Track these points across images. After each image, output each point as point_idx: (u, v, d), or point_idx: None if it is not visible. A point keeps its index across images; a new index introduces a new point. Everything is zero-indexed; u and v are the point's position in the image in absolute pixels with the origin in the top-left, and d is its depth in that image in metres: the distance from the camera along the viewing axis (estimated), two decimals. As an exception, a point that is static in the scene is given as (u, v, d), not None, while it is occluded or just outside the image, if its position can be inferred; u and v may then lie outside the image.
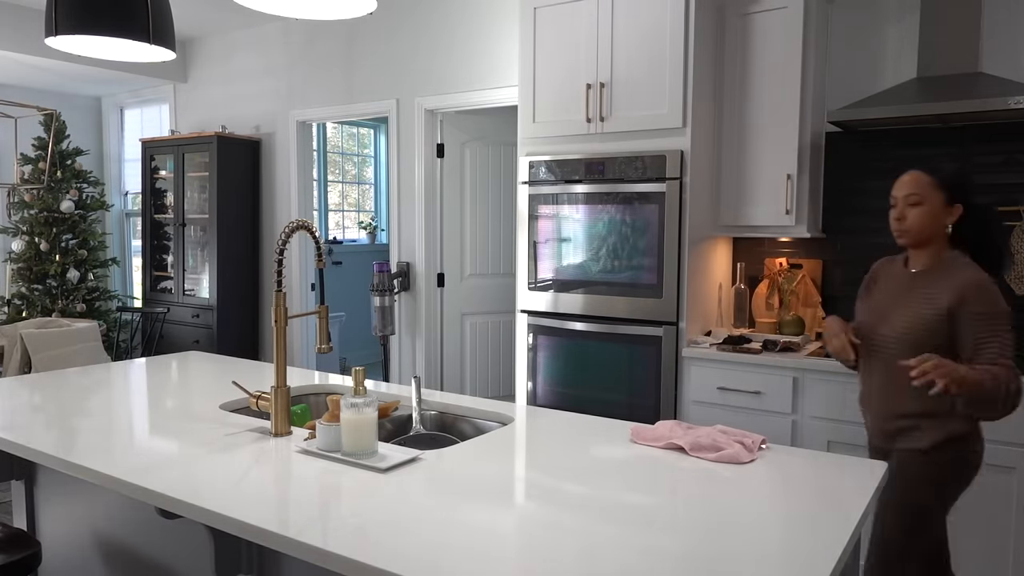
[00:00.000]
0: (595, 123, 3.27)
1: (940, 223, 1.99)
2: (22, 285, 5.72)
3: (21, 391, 2.30)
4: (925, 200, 1.98)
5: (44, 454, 1.70)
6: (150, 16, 2.28)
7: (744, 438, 1.74)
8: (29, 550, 1.84)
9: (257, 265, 5.65)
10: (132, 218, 6.84)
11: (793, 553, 1.20)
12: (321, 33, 5.14)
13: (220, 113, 5.80)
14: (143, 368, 2.68)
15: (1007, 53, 3.01)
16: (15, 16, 5.02)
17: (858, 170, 3.34)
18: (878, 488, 1.52)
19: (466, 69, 4.46)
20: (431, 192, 4.73)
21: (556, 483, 1.52)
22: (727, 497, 1.44)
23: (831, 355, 2.01)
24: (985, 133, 3.08)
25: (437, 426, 2.19)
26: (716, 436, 1.73)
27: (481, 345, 4.99)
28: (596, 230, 3.28)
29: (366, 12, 2.07)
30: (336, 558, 1.18)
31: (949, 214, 1.99)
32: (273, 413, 1.83)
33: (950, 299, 1.92)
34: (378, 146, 8.30)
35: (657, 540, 1.24)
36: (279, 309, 1.84)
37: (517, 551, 1.20)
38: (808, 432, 2.89)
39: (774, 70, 3.20)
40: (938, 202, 1.98)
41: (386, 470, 1.57)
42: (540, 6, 3.39)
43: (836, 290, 3.41)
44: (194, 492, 1.44)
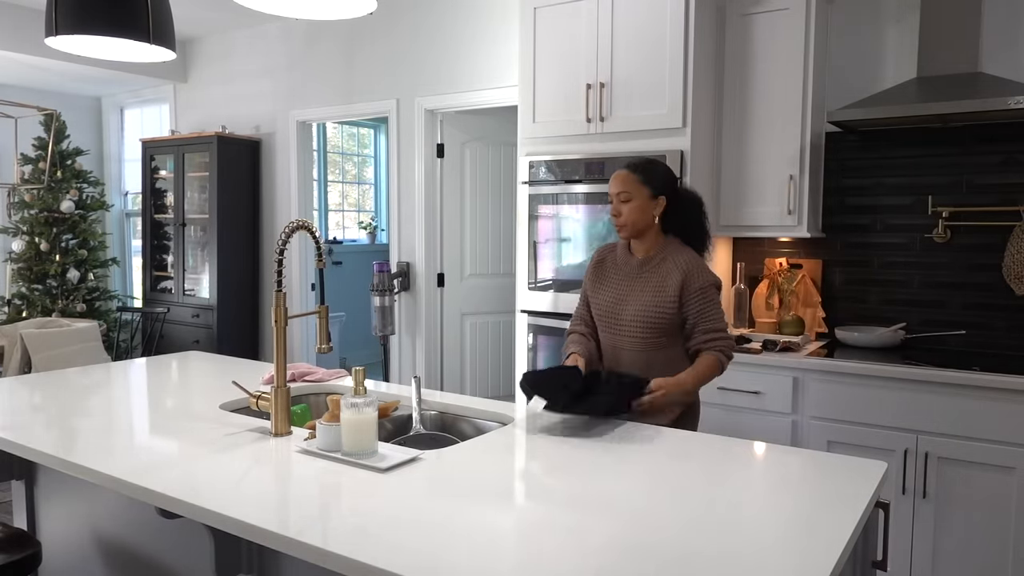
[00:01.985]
0: (595, 123, 3.27)
1: (650, 215, 2.22)
2: (22, 285, 5.72)
3: (21, 391, 2.30)
4: (634, 196, 2.20)
5: (44, 454, 1.70)
6: (150, 16, 2.28)
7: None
8: (29, 550, 1.84)
9: (257, 265, 5.64)
10: (132, 218, 6.84)
11: (793, 553, 1.20)
12: (321, 33, 5.14)
13: (220, 113, 5.80)
14: (143, 368, 2.68)
15: (1007, 53, 3.01)
16: (15, 16, 5.02)
17: (858, 170, 3.35)
18: (878, 488, 1.52)
19: (466, 69, 4.46)
20: (431, 192, 4.72)
21: (556, 483, 1.52)
22: (727, 497, 1.44)
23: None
24: (985, 133, 3.08)
25: (437, 426, 2.19)
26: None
27: (481, 345, 4.99)
28: (596, 230, 3.28)
29: (366, 12, 2.07)
30: (336, 558, 1.18)
31: (656, 206, 2.21)
32: (273, 413, 1.83)
33: (676, 279, 2.17)
34: (378, 146, 8.30)
35: (657, 539, 1.24)
36: (279, 309, 1.84)
37: (517, 551, 1.20)
38: (808, 432, 2.89)
39: (774, 70, 3.20)
40: (645, 196, 2.20)
41: (386, 470, 1.57)
42: (540, 6, 3.39)
43: (836, 290, 3.41)
44: (194, 492, 1.44)
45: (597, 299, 2.32)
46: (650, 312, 2.18)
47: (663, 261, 2.22)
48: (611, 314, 2.27)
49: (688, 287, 2.16)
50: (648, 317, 2.18)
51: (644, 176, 2.21)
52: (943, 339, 3.18)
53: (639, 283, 2.24)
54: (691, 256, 2.22)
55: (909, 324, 3.24)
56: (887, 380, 2.73)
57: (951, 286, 3.17)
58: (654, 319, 2.18)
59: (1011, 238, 2.99)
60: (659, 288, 2.19)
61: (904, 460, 2.71)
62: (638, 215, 2.21)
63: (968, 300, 3.14)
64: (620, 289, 2.27)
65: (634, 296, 2.23)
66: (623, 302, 2.25)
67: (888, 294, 3.30)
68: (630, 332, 2.22)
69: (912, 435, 2.69)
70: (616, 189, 2.22)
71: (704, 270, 2.19)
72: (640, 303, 2.20)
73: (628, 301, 2.24)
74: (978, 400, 2.58)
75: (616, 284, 2.29)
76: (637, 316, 2.20)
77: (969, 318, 3.14)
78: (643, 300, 2.20)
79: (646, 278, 2.23)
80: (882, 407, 2.74)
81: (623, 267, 2.29)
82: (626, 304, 2.24)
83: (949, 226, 3.15)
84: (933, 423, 2.65)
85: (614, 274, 2.31)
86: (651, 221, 2.23)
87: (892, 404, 2.72)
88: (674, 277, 2.18)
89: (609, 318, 2.28)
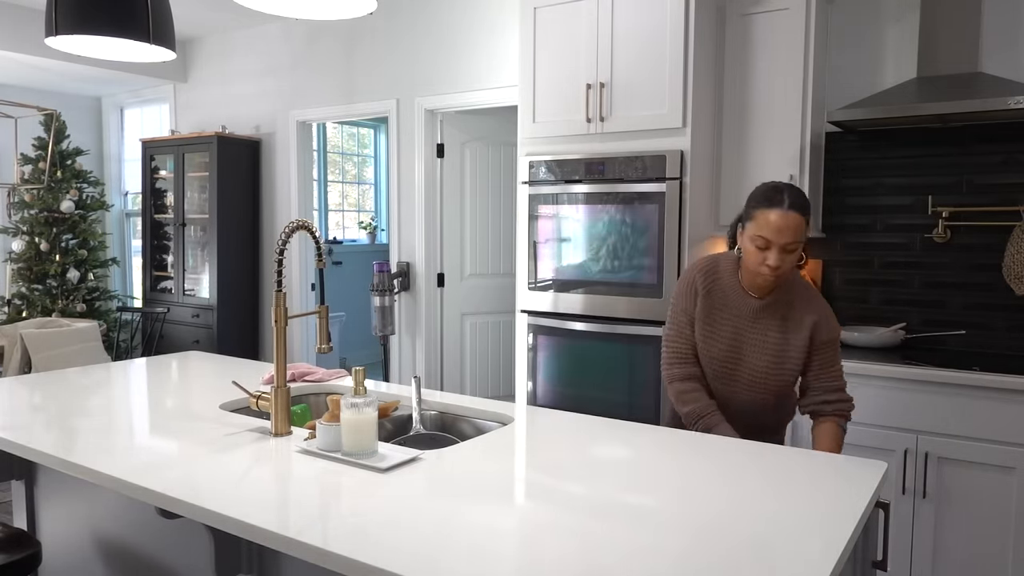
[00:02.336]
0: (595, 123, 3.27)
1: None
2: (22, 285, 5.72)
3: (21, 391, 2.30)
4: (800, 244, 1.80)
5: (44, 454, 1.70)
6: (150, 16, 2.28)
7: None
8: (29, 550, 1.84)
9: (257, 265, 5.64)
10: (132, 218, 6.83)
11: (793, 553, 1.20)
12: (321, 33, 5.14)
13: (220, 113, 5.80)
14: (143, 368, 2.68)
15: (1007, 53, 3.01)
16: (15, 16, 5.02)
17: (858, 170, 3.35)
18: (878, 488, 1.52)
19: (466, 69, 4.46)
20: (431, 192, 4.72)
21: (556, 483, 1.52)
22: (727, 497, 1.44)
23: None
24: (985, 133, 3.08)
25: (437, 426, 2.19)
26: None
27: (481, 345, 4.99)
28: (596, 230, 3.28)
29: (366, 12, 2.07)
30: (336, 558, 1.18)
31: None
32: (273, 413, 1.83)
33: (806, 331, 1.86)
34: (378, 146, 8.30)
35: (657, 540, 1.24)
36: (279, 309, 1.84)
37: (517, 551, 1.20)
38: (808, 432, 2.88)
39: (774, 70, 3.20)
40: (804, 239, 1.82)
41: (386, 470, 1.57)
42: (540, 6, 3.39)
43: (836, 290, 3.41)
44: (194, 492, 1.44)
45: (709, 348, 1.95)
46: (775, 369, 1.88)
47: (789, 306, 1.87)
48: (726, 368, 1.95)
49: (816, 339, 1.86)
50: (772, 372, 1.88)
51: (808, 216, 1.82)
52: (943, 339, 3.18)
53: (758, 330, 1.89)
54: (821, 301, 1.89)
55: (909, 324, 3.25)
56: (887, 380, 2.73)
57: (951, 286, 3.17)
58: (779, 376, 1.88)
59: (1011, 238, 2.99)
60: (784, 341, 1.87)
61: (904, 460, 2.71)
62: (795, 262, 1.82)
63: (968, 300, 3.14)
64: (736, 336, 1.92)
65: (753, 347, 1.89)
66: (740, 353, 1.92)
67: (888, 294, 3.30)
68: (747, 387, 1.94)
69: (912, 435, 2.69)
70: (785, 239, 1.77)
71: (833, 318, 1.89)
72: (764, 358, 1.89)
73: (746, 352, 1.91)
74: (978, 400, 2.58)
75: (731, 330, 1.92)
76: (759, 372, 1.89)
77: (969, 318, 3.14)
78: (767, 353, 1.88)
79: (766, 325, 1.88)
80: (882, 407, 2.74)
81: (737, 306, 1.92)
82: (743, 356, 1.91)
83: (949, 226, 3.15)
84: (933, 423, 2.65)
85: (724, 315, 1.93)
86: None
87: (892, 404, 2.72)
88: (804, 329, 1.85)
89: (723, 371, 1.95)
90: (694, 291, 1.96)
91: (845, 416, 1.94)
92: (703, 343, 1.96)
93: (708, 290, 1.95)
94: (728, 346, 1.92)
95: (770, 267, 1.79)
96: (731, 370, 1.94)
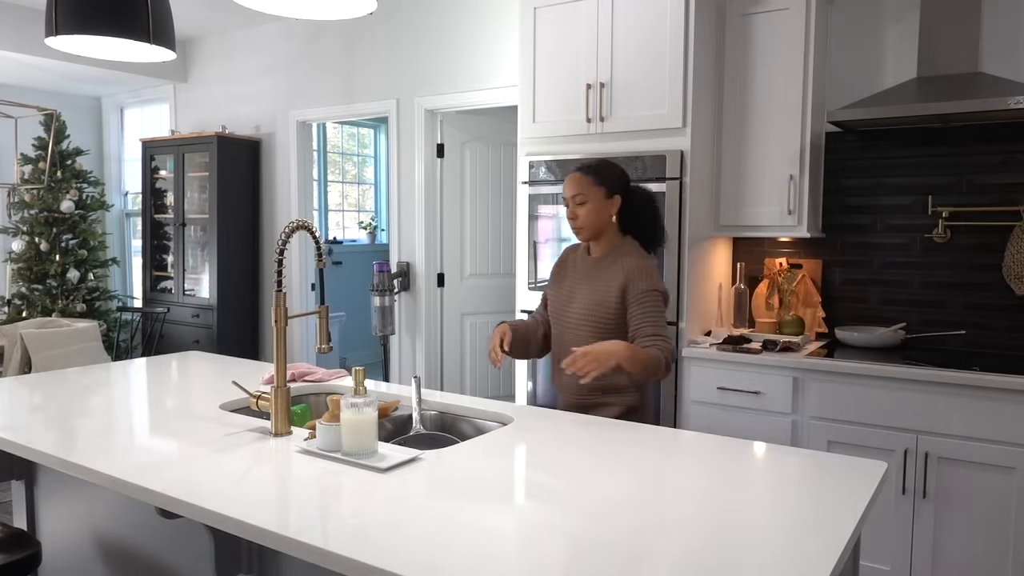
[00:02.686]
0: (595, 123, 3.27)
1: (606, 215, 2.24)
2: (22, 285, 5.72)
3: (21, 391, 2.30)
4: (589, 198, 2.21)
5: (44, 454, 1.70)
6: (150, 16, 2.28)
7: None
8: (29, 550, 1.84)
9: (257, 265, 5.65)
10: (132, 218, 6.84)
11: (793, 553, 1.20)
12: (321, 33, 5.14)
13: (220, 113, 5.80)
14: (143, 368, 2.68)
15: (1007, 53, 3.01)
16: (15, 16, 5.02)
17: (858, 170, 3.35)
18: (878, 488, 1.52)
19: (466, 69, 4.46)
20: (431, 192, 4.72)
21: (556, 483, 1.52)
22: (727, 497, 1.44)
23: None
24: (985, 133, 3.08)
25: (437, 426, 2.19)
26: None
27: (481, 345, 4.99)
28: (596, 230, 3.27)
29: (366, 12, 2.07)
30: (336, 558, 1.18)
31: (611, 206, 2.24)
32: (273, 413, 1.83)
33: (619, 281, 2.19)
34: (378, 146, 8.30)
35: (657, 540, 1.24)
36: (279, 309, 1.84)
37: (517, 551, 1.20)
38: (808, 432, 2.89)
39: (775, 70, 3.20)
40: (600, 197, 2.22)
41: (386, 470, 1.57)
42: (540, 6, 3.39)
43: (836, 290, 3.41)
44: (194, 492, 1.44)
45: (553, 296, 2.38)
46: (593, 310, 2.22)
47: (612, 263, 2.24)
48: (561, 310, 2.32)
49: (630, 290, 2.17)
50: (592, 315, 2.22)
51: (598, 177, 2.23)
52: (943, 339, 3.18)
53: (588, 282, 2.28)
54: (639, 260, 2.21)
55: (909, 324, 3.25)
56: (887, 380, 2.73)
57: (951, 286, 3.17)
58: (597, 317, 2.22)
59: (1011, 238, 2.99)
60: (604, 288, 2.22)
61: (904, 460, 2.71)
62: (594, 217, 2.23)
63: (968, 300, 3.14)
64: (572, 287, 2.32)
65: (581, 294, 2.27)
66: (571, 299, 2.30)
67: (888, 294, 3.30)
68: (576, 328, 2.26)
69: (912, 435, 2.69)
70: (571, 192, 2.24)
71: (647, 275, 2.19)
72: (585, 301, 2.25)
73: (575, 299, 2.28)
74: (978, 400, 2.58)
75: (570, 282, 2.34)
76: (582, 313, 2.25)
77: (969, 318, 3.14)
78: (589, 298, 2.24)
79: (595, 277, 2.27)
80: (882, 407, 2.74)
81: (580, 266, 2.34)
82: (573, 301, 2.29)
83: (949, 226, 3.15)
84: (933, 423, 2.65)
85: (572, 272, 2.36)
86: (607, 221, 2.25)
87: (892, 404, 2.72)
88: (618, 279, 2.20)
89: (559, 314, 2.33)
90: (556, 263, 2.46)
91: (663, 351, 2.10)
92: (551, 295, 2.40)
93: (564, 258, 2.45)
94: (565, 295, 2.33)
95: (569, 218, 2.27)
96: (564, 312, 2.31)
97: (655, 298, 2.17)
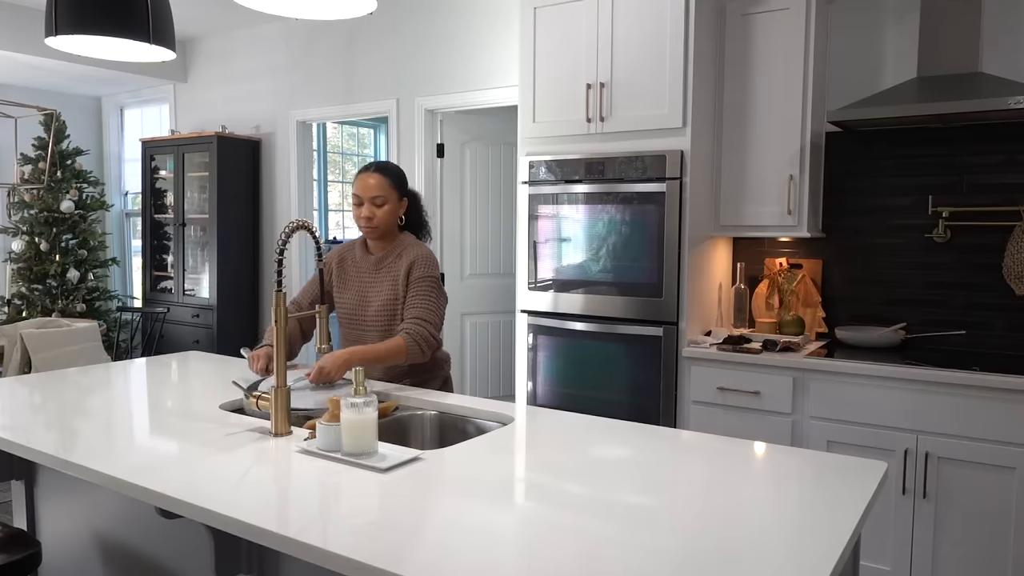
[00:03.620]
0: (595, 123, 3.27)
1: (397, 215, 2.39)
2: (22, 285, 5.72)
3: (21, 391, 2.30)
4: (387, 199, 2.34)
5: (44, 454, 1.70)
6: (150, 16, 2.27)
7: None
8: (29, 550, 1.84)
9: (257, 265, 5.64)
10: (132, 218, 6.84)
11: (793, 553, 1.20)
12: (321, 33, 5.14)
13: (220, 113, 5.80)
14: (143, 368, 2.68)
15: (1007, 53, 3.01)
16: (15, 16, 5.02)
17: (858, 170, 3.35)
18: (878, 488, 1.52)
19: (466, 69, 4.46)
20: (431, 192, 4.72)
21: (556, 483, 1.52)
22: (727, 497, 1.44)
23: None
24: (985, 133, 3.08)
25: (437, 426, 2.19)
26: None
27: (481, 345, 4.99)
28: (596, 230, 3.28)
29: (366, 12, 2.07)
30: (336, 558, 1.18)
31: (402, 207, 2.40)
32: (273, 413, 1.83)
33: (404, 269, 2.32)
34: (378, 146, 8.30)
35: (657, 540, 1.24)
36: (279, 309, 1.84)
37: (517, 551, 1.20)
38: (808, 432, 2.89)
39: (775, 70, 3.20)
40: (395, 199, 2.37)
41: (386, 470, 1.57)
42: (540, 6, 3.39)
43: (836, 290, 3.41)
44: (194, 492, 1.44)
45: (341, 300, 2.44)
46: (389, 306, 2.33)
47: (399, 257, 2.36)
48: (356, 314, 2.39)
49: (410, 275, 2.31)
50: (388, 310, 2.33)
51: (395, 180, 2.36)
52: (943, 339, 3.18)
53: (378, 280, 2.37)
54: (423, 251, 2.36)
55: (909, 324, 3.25)
56: (887, 380, 2.73)
57: (951, 286, 3.17)
58: (394, 311, 2.32)
59: (1011, 238, 2.99)
60: (394, 281, 2.34)
61: (904, 460, 2.71)
62: (390, 217, 2.35)
63: (968, 300, 3.14)
64: (362, 289, 2.39)
65: (375, 293, 2.36)
66: (366, 301, 2.37)
67: (888, 294, 3.30)
68: (375, 327, 2.35)
69: (912, 435, 2.69)
70: (371, 193, 2.32)
71: (429, 264, 2.33)
72: (382, 299, 2.34)
73: (371, 299, 2.36)
74: (978, 400, 2.58)
75: (358, 284, 2.41)
76: (381, 311, 2.33)
77: (969, 318, 3.14)
78: (384, 295, 2.34)
79: (384, 274, 2.36)
80: (882, 407, 2.74)
81: (363, 266, 2.41)
82: (368, 303, 2.36)
83: (949, 226, 3.15)
84: (933, 423, 2.65)
85: (355, 273, 2.43)
86: (397, 221, 2.39)
87: (892, 404, 2.72)
88: (403, 269, 2.32)
89: (353, 317, 2.40)
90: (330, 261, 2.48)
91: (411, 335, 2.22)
92: (337, 296, 2.44)
93: (341, 259, 2.47)
94: (356, 298, 2.39)
95: (365, 218, 2.33)
96: (361, 315, 2.38)
97: (427, 284, 2.31)
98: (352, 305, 2.40)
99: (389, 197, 2.34)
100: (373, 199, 2.33)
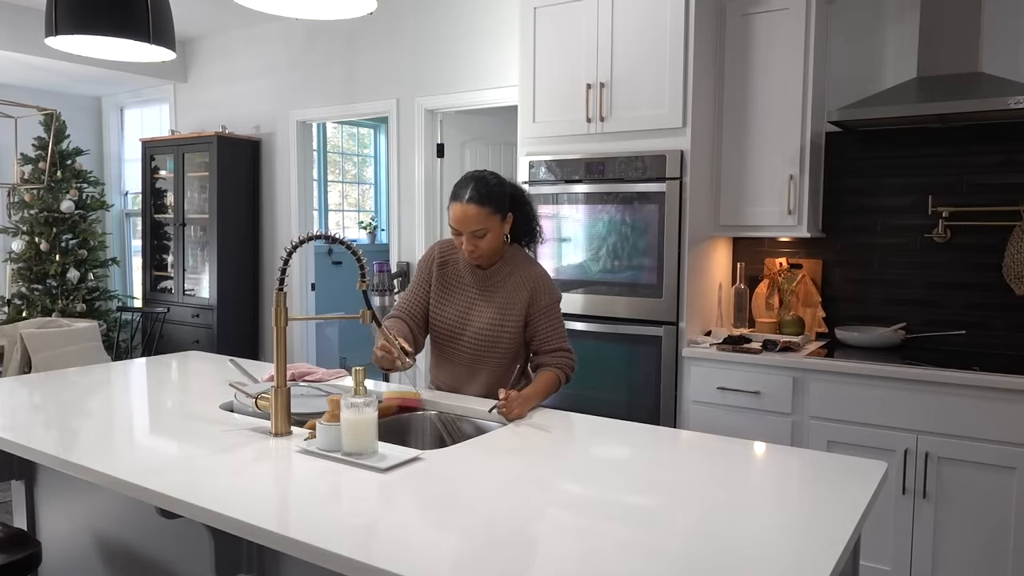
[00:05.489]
0: (595, 123, 3.27)
1: (503, 237, 2.17)
2: (22, 285, 5.72)
3: (21, 391, 2.30)
4: (489, 229, 2.10)
5: (44, 454, 1.70)
6: (150, 16, 2.28)
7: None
8: (29, 550, 1.84)
9: (257, 265, 5.64)
10: (132, 218, 6.83)
11: (793, 553, 1.20)
12: (321, 33, 5.13)
13: (220, 113, 5.80)
14: (143, 368, 2.68)
15: (1007, 53, 3.01)
16: (15, 16, 5.02)
17: (858, 170, 3.34)
18: (878, 488, 1.52)
19: (466, 69, 4.46)
20: (431, 192, 4.72)
21: (556, 483, 1.52)
22: (727, 497, 1.44)
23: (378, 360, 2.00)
24: (985, 133, 3.08)
25: (437, 426, 2.19)
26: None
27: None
28: (596, 230, 3.28)
29: (366, 12, 2.07)
30: (336, 558, 1.18)
31: (506, 225, 2.17)
32: (273, 413, 1.83)
33: (523, 297, 2.15)
34: (378, 146, 8.29)
35: (657, 540, 1.24)
36: (279, 309, 1.84)
37: (518, 551, 1.20)
38: (808, 432, 2.89)
39: (775, 70, 3.20)
40: (497, 224, 2.12)
41: (386, 470, 1.57)
42: (540, 6, 3.39)
43: (836, 290, 3.41)
44: (194, 492, 1.44)
45: (441, 313, 2.23)
46: (491, 330, 2.16)
47: (510, 275, 2.18)
48: (453, 332, 2.22)
49: (534, 305, 2.15)
50: (493, 337, 2.16)
51: (494, 204, 2.10)
52: (943, 339, 3.18)
53: (483, 299, 2.19)
54: (538, 271, 2.20)
55: (909, 324, 3.25)
56: (887, 380, 2.73)
57: (951, 286, 3.17)
58: (497, 339, 2.16)
59: (1011, 238, 2.99)
60: (505, 306, 2.16)
61: (904, 460, 2.71)
62: (494, 244, 2.14)
63: (968, 300, 3.14)
64: (464, 306, 2.21)
65: (476, 314, 2.18)
66: (466, 321, 2.20)
67: (888, 294, 3.30)
68: (470, 349, 2.21)
69: (912, 435, 2.69)
70: (470, 227, 2.08)
71: (550, 286, 2.18)
72: (483, 321, 2.17)
73: (471, 319, 2.19)
74: (978, 400, 2.58)
75: (461, 301, 2.22)
76: (479, 334, 2.17)
77: (969, 318, 3.14)
78: (486, 317, 2.17)
79: (491, 293, 2.18)
80: (882, 407, 2.74)
81: (467, 279, 2.22)
82: (469, 322, 2.19)
83: (949, 226, 3.15)
84: (933, 423, 2.65)
85: (457, 286, 2.23)
86: (504, 241, 2.18)
87: (892, 404, 2.72)
88: (521, 295, 2.15)
89: (450, 334, 2.22)
90: (431, 258, 2.27)
91: (563, 368, 2.16)
92: (436, 306, 2.24)
93: (444, 260, 2.25)
94: (457, 315, 2.21)
95: (467, 251, 2.12)
96: (457, 334, 2.21)
97: (558, 310, 2.19)
98: (451, 322, 2.21)
99: (490, 225, 2.09)
100: (474, 232, 2.09)
